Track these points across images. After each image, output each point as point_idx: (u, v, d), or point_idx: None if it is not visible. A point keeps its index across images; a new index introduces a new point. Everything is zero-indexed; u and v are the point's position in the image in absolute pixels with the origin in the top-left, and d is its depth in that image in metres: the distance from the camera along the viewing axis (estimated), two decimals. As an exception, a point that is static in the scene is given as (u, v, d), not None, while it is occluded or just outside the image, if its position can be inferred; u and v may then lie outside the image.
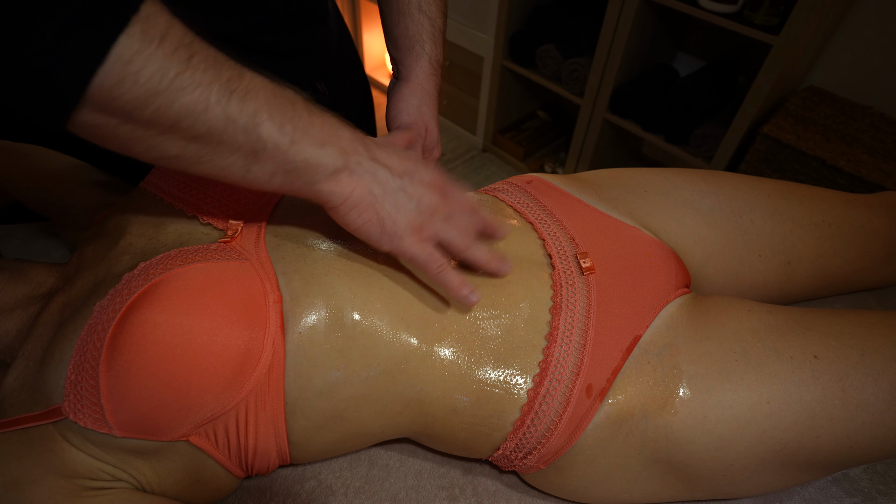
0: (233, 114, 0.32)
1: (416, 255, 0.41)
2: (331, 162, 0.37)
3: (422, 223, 0.41)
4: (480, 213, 0.47)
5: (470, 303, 0.43)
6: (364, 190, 0.39)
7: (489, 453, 0.48)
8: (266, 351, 0.39)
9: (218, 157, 0.33)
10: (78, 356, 0.37)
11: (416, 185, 0.41)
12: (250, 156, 0.34)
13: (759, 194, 0.58)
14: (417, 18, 0.58)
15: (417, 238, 0.41)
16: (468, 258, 0.44)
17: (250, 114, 0.33)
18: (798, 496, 0.52)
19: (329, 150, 0.37)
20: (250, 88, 0.33)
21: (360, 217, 0.39)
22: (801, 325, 0.47)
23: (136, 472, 0.40)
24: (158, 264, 0.40)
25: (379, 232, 0.40)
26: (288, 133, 0.35)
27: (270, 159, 0.35)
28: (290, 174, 0.36)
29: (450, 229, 0.43)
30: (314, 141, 0.36)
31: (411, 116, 0.58)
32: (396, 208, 0.40)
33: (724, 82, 1.47)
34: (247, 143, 0.33)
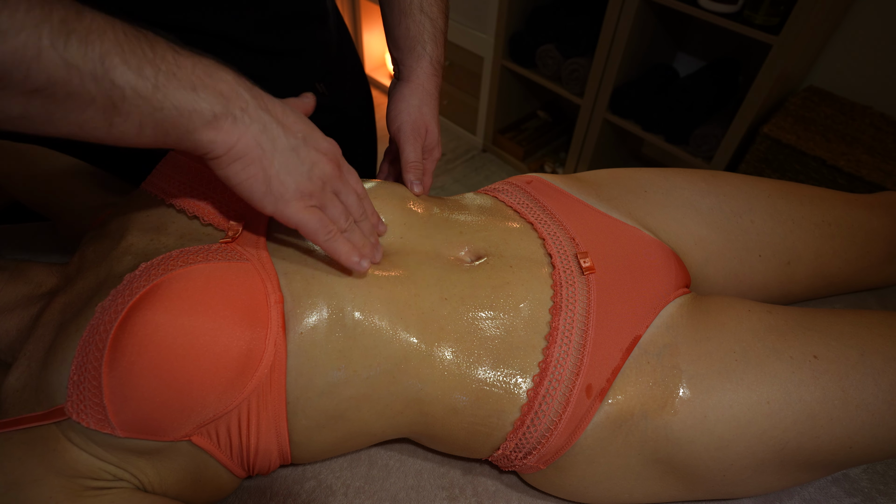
0: (74, 58, 0.28)
1: (302, 221, 0.39)
2: (207, 107, 0.33)
3: (311, 190, 0.39)
4: (368, 201, 0.45)
5: (362, 270, 0.42)
6: (251, 140, 0.35)
7: (489, 453, 0.48)
8: (268, 351, 0.39)
9: (71, 112, 0.29)
10: (80, 357, 0.37)
11: (311, 150, 0.39)
12: (109, 108, 0.30)
13: (759, 194, 0.58)
14: (419, 19, 0.58)
15: (304, 204, 0.39)
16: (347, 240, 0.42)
17: (97, 58, 0.28)
18: (798, 496, 0.52)
19: (204, 94, 0.33)
20: (93, 28, 0.29)
21: (244, 170, 0.36)
22: (801, 325, 0.47)
23: (138, 472, 0.40)
24: (160, 265, 0.40)
25: (264, 190, 0.37)
26: (149, 77, 0.30)
27: (134, 109, 0.31)
28: (160, 125, 0.32)
29: (335, 205, 0.41)
30: (184, 84, 0.32)
31: (412, 116, 0.58)
32: (287, 168, 0.37)
33: (724, 82, 1.47)
34: (100, 92, 0.29)
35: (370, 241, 0.44)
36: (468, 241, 0.50)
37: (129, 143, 0.33)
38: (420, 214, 0.51)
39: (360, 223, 0.44)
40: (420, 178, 0.56)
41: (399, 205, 0.51)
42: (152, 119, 0.32)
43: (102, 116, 0.30)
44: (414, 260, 0.47)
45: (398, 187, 0.54)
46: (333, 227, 0.40)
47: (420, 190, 0.55)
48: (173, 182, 0.47)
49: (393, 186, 0.54)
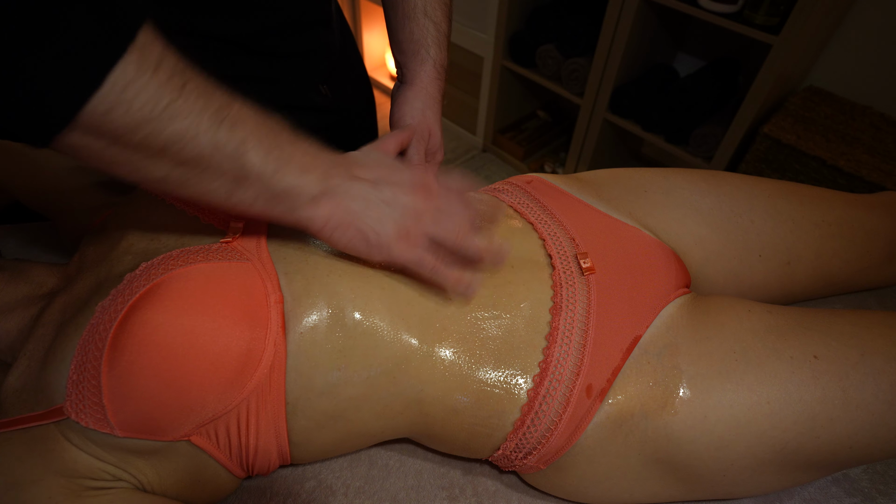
0: (221, 141, 0.32)
1: (407, 261, 0.42)
2: (312, 188, 0.37)
3: (408, 227, 0.41)
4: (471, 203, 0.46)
5: (470, 295, 0.44)
6: (342, 210, 0.39)
7: (489, 453, 0.48)
8: (267, 351, 0.39)
9: (203, 181, 0.34)
10: (80, 356, 0.37)
11: (396, 192, 0.41)
12: (234, 181, 0.34)
13: (759, 194, 0.58)
14: (423, 23, 0.59)
15: (407, 244, 0.41)
16: (464, 251, 0.44)
17: (238, 141, 0.33)
18: (798, 496, 0.52)
19: (310, 177, 0.37)
20: (239, 117, 0.33)
21: (343, 236, 0.40)
22: (801, 325, 0.47)
23: (137, 472, 0.40)
24: (160, 265, 0.40)
25: (366, 246, 0.40)
26: (273, 161, 0.35)
27: (254, 185, 0.35)
28: (271, 200, 0.36)
29: (439, 227, 0.42)
30: (297, 168, 0.36)
31: (415, 120, 0.58)
32: (379, 220, 0.40)
33: (724, 82, 1.47)
34: (232, 169, 0.33)
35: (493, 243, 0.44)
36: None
37: (239, 212, 0.37)
38: None
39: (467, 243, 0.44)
40: None
41: None
42: (266, 195, 0.36)
43: (227, 188, 0.34)
44: None
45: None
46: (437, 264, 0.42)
47: None
48: None
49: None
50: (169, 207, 0.46)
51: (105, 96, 0.27)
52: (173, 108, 0.29)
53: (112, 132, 0.28)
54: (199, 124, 0.31)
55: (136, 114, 0.28)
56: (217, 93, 0.32)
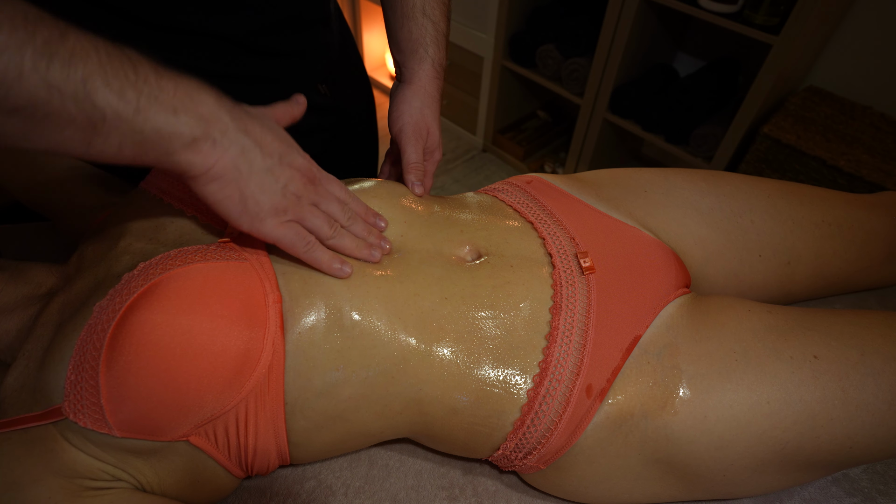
0: (56, 81, 0.28)
1: (280, 236, 0.40)
2: (187, 130, 0.34)
3: (286, 206, 0.40)
4: (356, 202, 0.46)
5: (345, 275, 0.43)
6: (228, 163, 0.36)
7: (489, 453, 0.48)
8: (266, 351, 0.39)
9: (49, 131, 0.30)
10: (78, 356, 0.37)
11: (286, 168, 0.40)
12: (88, 129, 0.30)
13: (759, 194, 0.58)
14: (421, 22, 0.59)
15: (279, 220, 0.40)
16: (335, 246, 0.43)
17: (79, 80, 0.29)
18: (798, 496, 0.52)
19: (184, 118, 0.34)
20: (76, 51, 0.29)
21: (220, 191, 0.37)
22: (801, 325, 0.47)
23: (136, 472, 0.40)
24: (158, 264, 0.40)
25: (240, 210, 0.38)
26: (131, 100, 0.31)
27: (114, 131, 0.31)
28: (140, 146, 0.33)
29: (315, 216, 0.42)
30: (165, 107, 0.33)
31: (413, 118, 0.58)
32: (262, 188, 0.38)
33: (724, 82, 1.47)
34: (80, 113, 0.29)
35: (367, 241, 0.45)
36: (469, 239, 0.50)
37: (107, 160, 0.33)
38: (421, 213, 0.51)
39: (351, 226, 0.45)
40: (421, 179, 0.56)
41: (399, 203, 0.51)
42: (132, 140, 0.32)
43: (81, 136, 0.30)
44: (415, 258, 0.47)
45: (398, 186, 0.54)
46: (312, 238, 0.41)
47: (421, 191, 0.55)
48: (172, 181, 0.47)
49: (393, 185, 0.54)
50: (167, 207, 0.46)
51: None
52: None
53: None
54: (21, 62, 0.27)
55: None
56: (43, 25, 0.28)
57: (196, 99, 0.35)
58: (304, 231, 0.41)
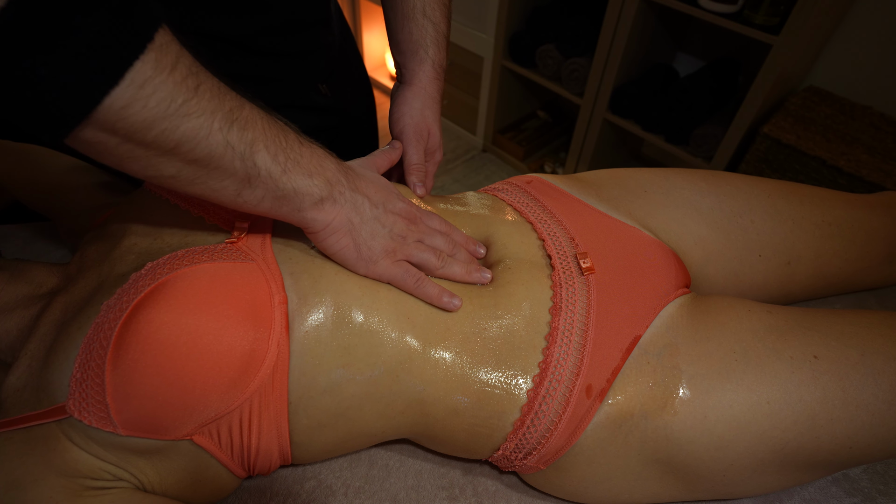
0: (233, 141, 0.33)
1: (392, 276, 0.44)
2: (317, 191, 0.39)
3: (394, 248, 0.44)
4: (457, 232, 0.50)
5: (454, 307, 0.45)
6: (344, 218, 0.41)
7: (489, 454, 0.48)
8: (271, 351, 0.39)
9: (212, 180, 0.35)
10: (84, 354, 0.37)
11: (389, 215, 0.45)
12: (244, 181, 0.35)
13: (759, 194, 0.58)
14: (421, 23, 0.59)
15: (391, 261, 0.44)
16: (444, 275, 0.47)
17: (248, 142, 0.34)
18: (798, 496, 0.52)
19: (316, 181, 0.39)
20: (249, 119, 0.35)
21: (337, 242, 0.42)
22: (801, 325, 0.47)
23: (138, 472, 0.40)
24: (165, 264, 0.40)
25: (355, 257, 0.43)
26: (281, 163, 0.36)
27: (262, 186, 0.36)
28: (278, 200, 0.38)
29: (421, 251, 0.46)
30: (303, 171, 0.38)
31: (414, 119, 0.58)
32: (372, 235, 0.43)
33: (724, 82, 1.47)
34: (242, 169, 0.35)
35: (471, 267, 0.48)
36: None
37: (246, 210, 0.38)
38: None
39: (456, 254, 0.48)
40: (423, 180, 0.56)
41: None
42: (273, 195, 0.37)
43: (235, 187, 0.36)
44: None
45: (404, 190, 0.54)
46: (421, 274, 0.45)
47: (423, 192, 0.55)
48: None
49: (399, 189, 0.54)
50: (173, 207, 0.46)
51: (122, 93, 0.28)
52: (187, 108, 0.30)
53: (127, 129, 0.29)
54: (212, 124, 0.32)
55: (152, 111, 0.29)
56: (229, 95, 0.34)
57: (324, 165, 0.40)
58: (413, 268, 0.45)
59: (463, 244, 0.50)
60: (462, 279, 0.47)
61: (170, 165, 0.33)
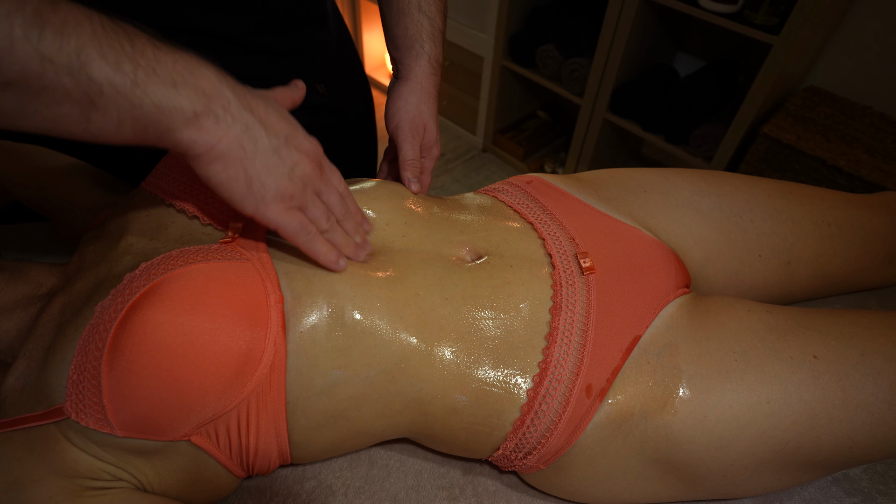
0: (49, 51, 0.27)
1: (282, 223, 0.39)
2: (188, 104, 0.32)
3: (292, 191, 0.39)
4: (352, 199, 0.45)
5: (341, 269, 0.42)
6: (232, 141, 0.35)
7: (489, 453, 0.48)
8: (267, 351, 0.39)
9: (45, 106, 0.28)
10: (80, 356, 0.37)
11: (293, 150, 0.38)
12: (85, 103, 0.29)
13: (759, 194, 0.58)
14: (417, 18, 0.59)
15: (284, 206, 0.39)
16: (328, 240, 0.42)
17: (73, 51, 0.28)
18: (798, 496, 0.52)
19: (185, 91, 0.32)
20: (69, 20, 0.28)
21: (224, 171, 0.35)
22: (800, 325, 0.47)
23: (137, 472, 0.40)
24: (160, 264, 0.40)
25: (244, 192, 0.36)
26: (128, 72, 0.30)
27: (112, 105, 0.30)
28: (139, 122, 0.31)
29: (316, 206, 0.41)
30: (164, 81, 0.31)
31: (410, 115, 0.58)
32: (268, 170, 0.37)
33: (724, 82, 1.47)
34: (76, 87, 0.28)
35: (354, 240, 0.44)
36: (469, 240, 0.50)
37: (108, 139, 0.32)
38: (421, 214, 0.51)
39: (344, 222, 0.44)
40: (418, 175, 0.56)
41: (400, 204, 0.51)
42: (131, 116, 0.31)
43: (79, 112, 0.29)
44: (416, 259, 0.47)
45: (399, 187, 0.54)
46: (313, 228, 0.40)
47: (418, 188, 0.55)
48: (173, 181, 0.47)
49: (394, 186, 0.54)
50: (168, 208, 0.46)
51: None
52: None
53: None
54: (11, 31, 0.26)
55: None
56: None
57: (196, 73, 0.33)
58: (307, 220, 0.40)
59: (354, 212, 0.45)
60: (340, 249, 0.43)
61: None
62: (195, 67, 0.33)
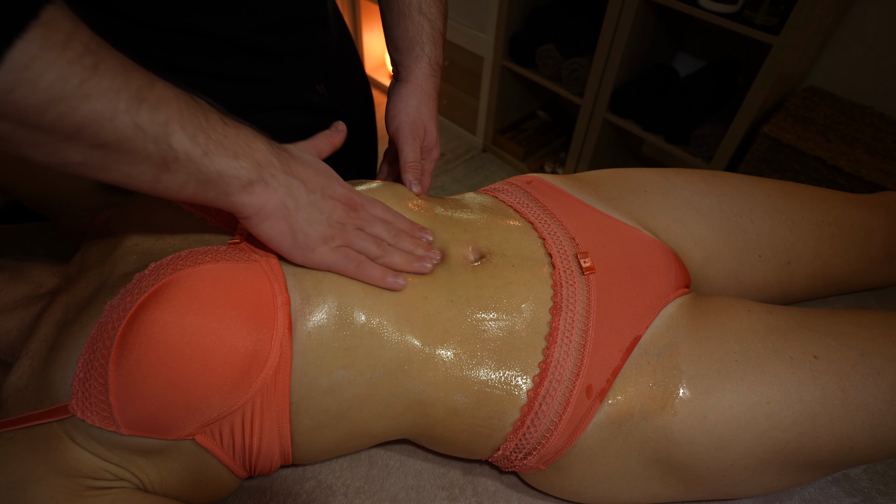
0: (143, 123, 0.31)
1: (331, 263, 0.43)
2: (244, 174, 0.37)
3: (332, 234, 0.43)
4: (400, 219, 0.48)
5: (399, 287, 0.44)
6: (277, 202, 0.40)
7: (489, 454, 0.48)
8: (273, 352, 0.39)
9: (125, 165, 0.33)
10: (87, 354, 0.37)
11: (328, 200, 0.43)
12: (160, 165, 0.34)
13: (759, 194, 0.58)
14: (417, 20, 0.59)
15: (328, 248, 0.43)
16: (386, 264, 0.45)
17: (161, 123, 0.32)
18: (798, 496, 0.52)
19: (243, 163, 0.37)
20: (161, 98, 0.33)
21: (272, 228, 0.40)
22: (800, 325, 0.47)
23: (139, 472, 0.40)
24: (169, 264, 0.40)
25: (291, 244, 0.41)
26: (201, 144, 0.35)
27: (182, 169, 0.34)
28: (202, 185, 0.36)
29: (361, 239, 0.44)
30: (228, 152, 0.36)
31: (410, 117, 0.58)
32: (308, 221, 0.41)
33: (724, 82, 1.47)
34: (157, 152, 0.33)
35: (417, 254, 0.46)
36: (472, 239, 0.50)
37: (169, 196, 0.36)
38: (424, 214, 0.51)
39: (398, 243, 0.46)
40: (419, 177, 0.56)
41: (402, 205, 0.51)
42: (196, 179, 0.35)
43: (153, 172, 0.34)
44: None
45: (400, 188, 0.54)
46: (361, 258, 0.44)
47: (419, 189, 0.55)
48: None
49: (395, 187, 0.54)
50: (176, 209, 0.46)
51: (4, 76, 0.26)
52: (86, 88, 0.28)
53: (18, 113, 0.28)
54: (117, 105, 0.30)
55: (43, 93, 0.27)
56: (137, 73, 0.32)
57: (252, 146, 0.38)
58: (353, 253, 0.44)
59: (406, 231, 0.48)
60: (403, 268, 0.45)
61: (75, 152, 0.31)
62: (251, 140, 0.39)
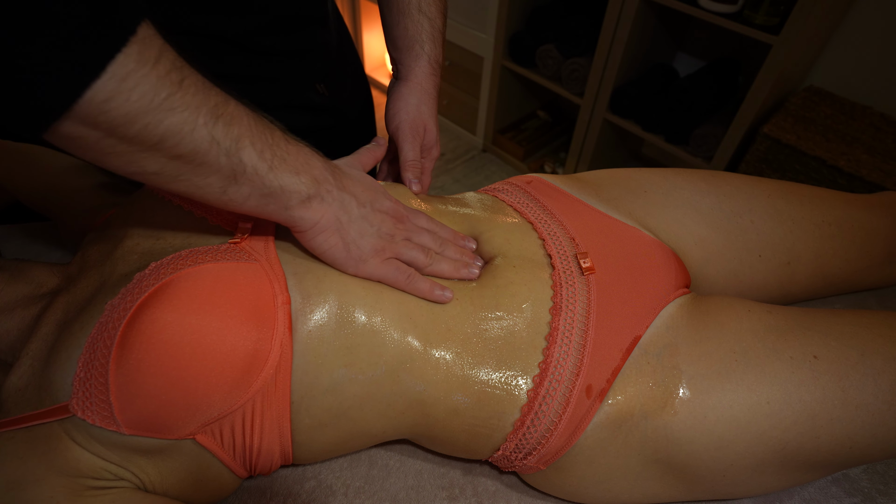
0: (218, 136, 0.33)
1: (383, 274, 0.44)
2: (304, 189, 0.39)
3: (383, 246, 0.44)
4: (444, 229, 0.50)
5: (446, 300, 0.45)
6: (332, 217, 0.41)
7: (489, 454, 0.48)
8: (274, 352, 0.39)
9: (197, 176, 0.34)
10: (88, 354, 0.37)
11: (377, 213, 0.45)
12: (229, 178, 0.35)
13: (759, 194, 0.58)
14: (417, 19, 0.59)
15: (380, 259, 0.44)
16: (433, 272, 0.47)
17: (234, 138, 0.34)
18: (798, 496, 0.52)
19: (303, 179, 0.39)
20: (235, 115, 0.35)
21: (326, 241, 0.42)
22: (800, 325, 0.47)
23: (140, 472, 0.40)
24: (169, 264, 0.40)
25: (345, 256, 0.43)
26: (267, 159, 0.36)
27: (248, 183, 0.36)
28: (265, 198, 0.38)
29: (410, 249, 0.46)
30: (290, 168, 0.38)
31: (410, 115, 0.58)
32: (360, 234, 0.43)
33: (724, 82, 1.47)
34: (228, 165, 0.34)
35: (462, 260, 0.48)
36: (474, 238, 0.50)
37: (232, 208, 0.38)
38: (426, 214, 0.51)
39: (444, 251, 0.48)
40: (418, 176, 0.56)
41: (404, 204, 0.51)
42: (259, 192, 0.37)
43: (221, 184, 0.35)
44: None
45: (401, 187, 0.54)
46: (411, 271, 0.45)
47: (418, 188, 0.55)
48: None
49: (396, 187, 0.54)
50: (176, 209, 0.46)
51: (104, 86, 0.27)
52: (171, 102, 0.30)
53: (108, 123, 0.29)
54: (197, 119, 0.32)
55: (135, 105, 0.29)
56: (214, 90, 0.34)
57: (310, 163, 0.40)
58: (403, 265, 0.45)
59: (451, 240, 0.50)
60: (450, 276, 0.47)
61: (153, 161, 0.32)
62: (310, 158, 0.40)
